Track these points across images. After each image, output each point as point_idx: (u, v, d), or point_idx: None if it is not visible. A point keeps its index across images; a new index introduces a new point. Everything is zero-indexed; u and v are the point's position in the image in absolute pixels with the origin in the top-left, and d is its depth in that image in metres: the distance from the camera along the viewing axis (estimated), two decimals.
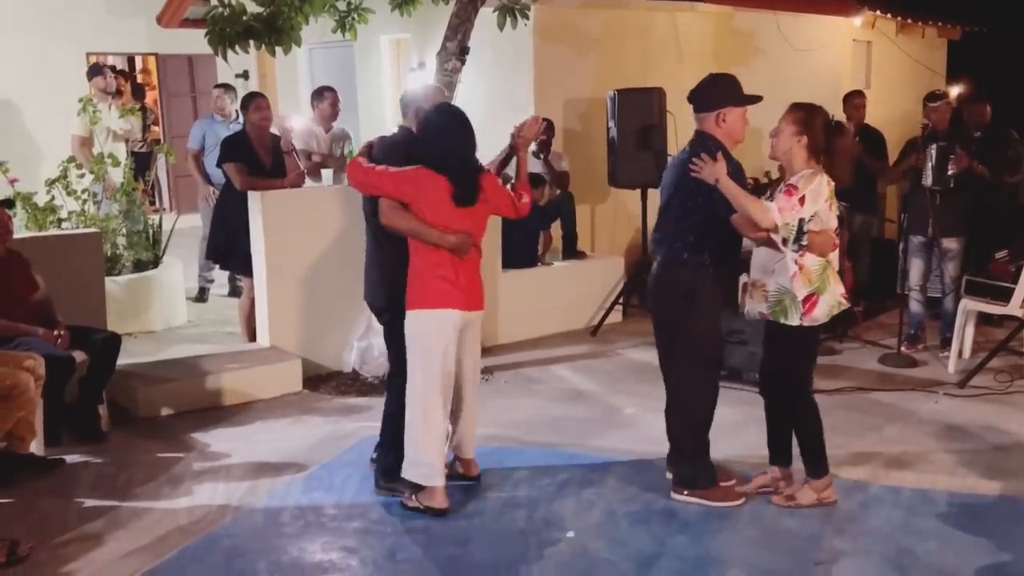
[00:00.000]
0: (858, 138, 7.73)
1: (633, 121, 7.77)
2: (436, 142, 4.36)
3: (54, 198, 7.08)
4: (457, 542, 4.25)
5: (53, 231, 6.75)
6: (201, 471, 5.03)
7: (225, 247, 6.77)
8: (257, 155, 6.66)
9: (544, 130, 7.89)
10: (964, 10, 12.59)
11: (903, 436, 5.45)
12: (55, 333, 5.25)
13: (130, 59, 13.90)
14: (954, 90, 8.43)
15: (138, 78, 14.10)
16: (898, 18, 11.49)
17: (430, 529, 4.34)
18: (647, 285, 4.70)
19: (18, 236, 5.80)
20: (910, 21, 11.72)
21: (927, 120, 7.06)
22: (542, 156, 7.88)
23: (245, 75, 11.75)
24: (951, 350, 6.70)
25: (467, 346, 4.56)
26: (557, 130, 8.23)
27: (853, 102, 7.85)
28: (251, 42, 5.96)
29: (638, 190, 8.02)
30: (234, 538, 4.31)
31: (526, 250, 7.64)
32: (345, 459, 5.14)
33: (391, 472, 4.55)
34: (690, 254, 4.40)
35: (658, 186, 7.75)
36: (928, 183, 6.70)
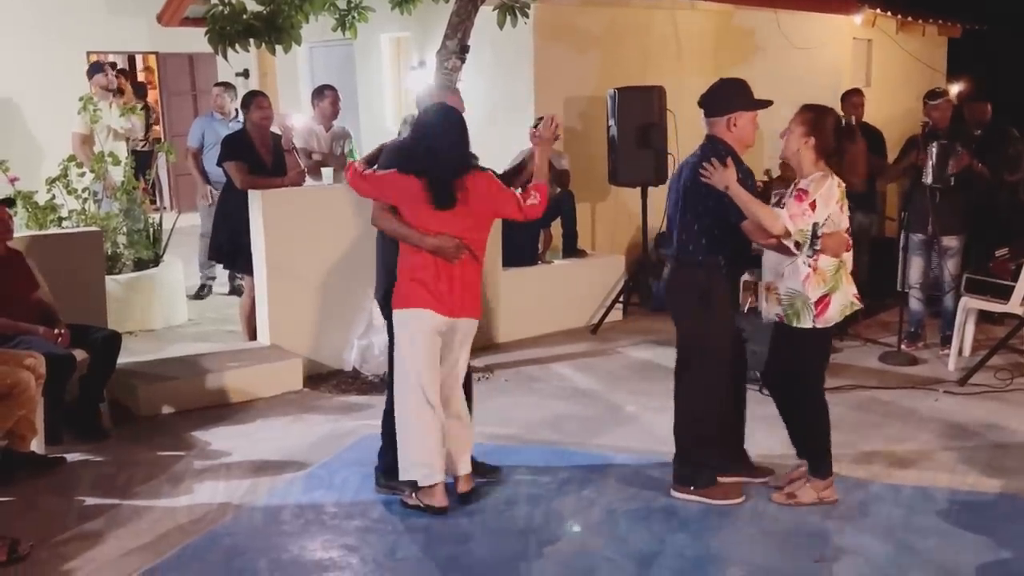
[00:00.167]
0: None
1: (633, 119, 7.77)
2: (413, 144, 4.35)
3: (55, 197, 7.08)
4: (457, 540, 4.26)
5: (53, 230, 6.75)
6: (202, 469, 5.04)
7: (227, 246, 6.77)
8: (258, 154, 6.66)
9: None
10: (964, 8, 12.57)
11: (903, 434, 5.46)
12: (56, 332, 5.25)
13: (131, 58, 13.91)
14: (954, 88, 8.42)
15: (139, 76, 14.11)
16: (898, 16, 11.47)
17: (430, 527, 4.35)
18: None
19: (19, 235, 5.81)
20: (910, 19, 11.69)
21: (927, 118, 7.06)
22: None
23: (245, 74, 11.75)
24: (951, 348, 6.71)
25: (451, 354, 4.45)
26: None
27: (851, 100, 7.84)
28: (251, 41, 5.96)
29: (638, 188, 8.03)
30: (234, 536, 4.32)
31: (526, 248, 7.64)
32: (345, 457, 5.14)
33: (391, 470, 4.55)
34: (705, 255, 4.41)
35: (658, 184, 7.90)
36: (928, 181, 6.70)
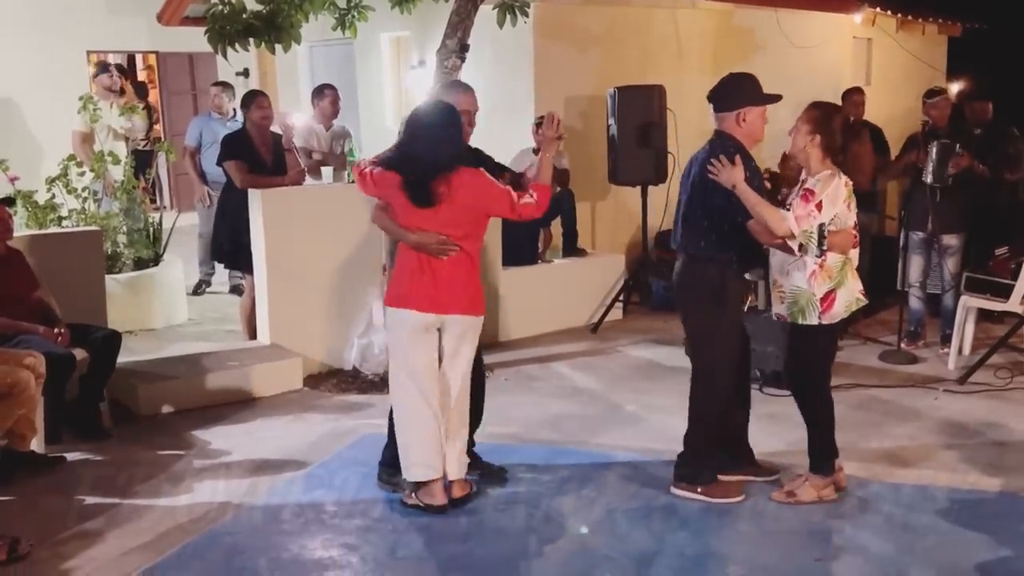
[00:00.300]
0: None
1: (633, 118, 7.76)
2: (400, 141, 4.38)
3: (54, 196, 7.08)
4: (458, 539, 4.26)
5: (53, 229, 6.75)
6: (202, 469, 5.04)
7: (229, 246, 6.77)
8: (258, 153, 6.66)
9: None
10: (964, 7, 12.57)
11: (903, 433, 5.46)
12: (55, 331, 5.25)
13: (130, 57, 13.90)
14: (954, 87, 8.42)
15: (140, 76, 14.10)
16: (898, 15, 11.46)
17: (431, 526, 4.35)
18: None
19: (18, 234, 5.80)
20: (910, 18, 11.69)
21: (927, 117, 7.06)
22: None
23: (246, 73, 11.75)
24: (951, 347, 6.71)
25: (448, 352, 4.42)
26: None
27: (852, 99, 7.84)
28: (251, 40, 5.97)
29: (638, 187, 8.02)
30: (235, 535, 4.32)
31: (526, 247, 7.65)
32: (346, 456, 5.14)
33: (392, 464, 4.57)
34: (716, 252, 4.41)
35: (658, 183, 7.90)
36: (928, 180, 6.71)
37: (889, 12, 11.17)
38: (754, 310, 6.31)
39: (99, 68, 8.95)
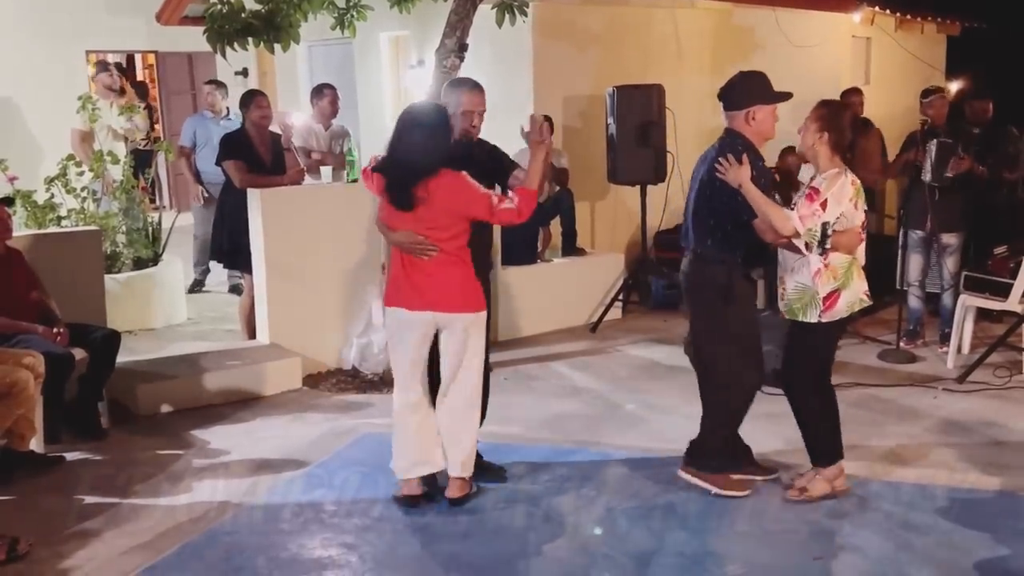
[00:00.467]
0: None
1: (632, 118, 7.76)
2: (388, 144, 4.41)
3: (53, 196, 7.08)
4: (457, 538, 4.26)
5: (53, 229, 6.74)
6: (201, 468, 5.04)
7: (228, 245, 6.77)
8: (257, 152, 6.66)
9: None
10: (963, 6, 12.56)
11: (902, 431, 5.46)
12: (54, 331, 5.25)
13: (129, 57, 13.90)
14: (953, 85, 8.42)
15: (139, 75, 14.10)
16: (897, 14, 11.45)
17: (430, 526, 4.35)
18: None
19: (18, 234, 5.80)
20: (909, 17, 11.68)
21: (925, 116, 7.07)
22: None
23: (245, 73, 11.76)
24: (950, 346, 6.71)
25: (450, 352, 4.42)
26: (557, 127, 8.20)
27: (849, 99, 7.83)
28: (250, 39, 5.96)
29: (637, 187, 8.02)
30: (234, 535, 4.32)
31: (525, 247, 7.64)
32: (345, 456, 5.15)
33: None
34: (721, 250, 4.42)
35: (657, 183, 7.90)
36: (927, 179, 6.71)
37: (888, 11, 11.16)
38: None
39: (99, 67, 8.95)
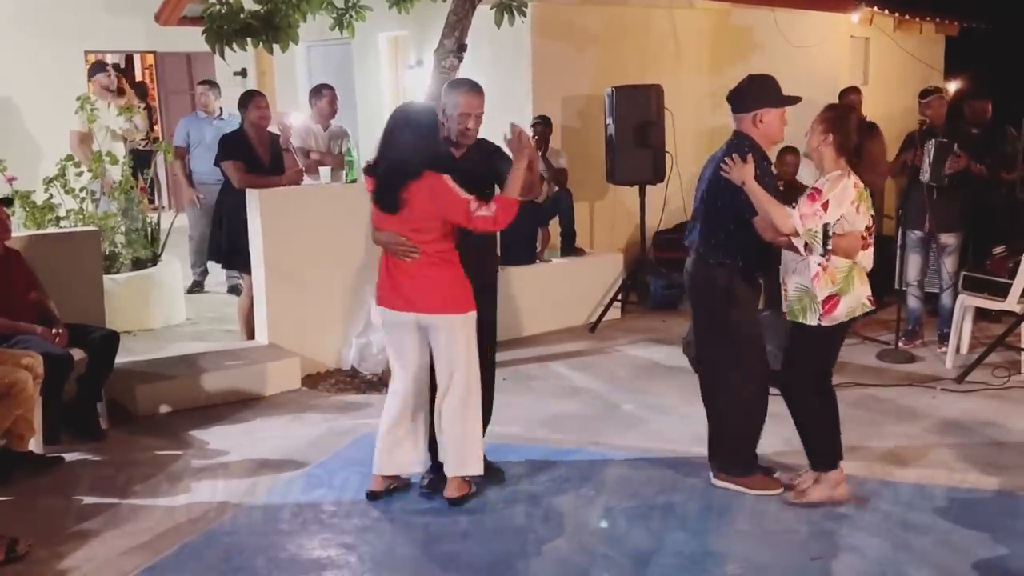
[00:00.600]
0: None
1: (631, 118, 7.77)
2: (378, 146, 4.43)
3: (52, 196, 7.08)
4: (456, 538, 4.26)
5: (51, 229, 6.74)
6: (200, 469, 5.04)
7: (227, 246, 6.76)
8: (255, 153, 6.67)
9: (542, 128, 7.90)
10: (962, 6, 12.56)
11: (901, 432, 5.46)
12: (53, 331, 5.25)
13: (128, 57, 13.89)
14: (952, 86, 8.42)
15: (138, 76, 14.09)
16: (896, 14, 11.45)
17: (429, 526, 4.35)
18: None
19: (16, 234, 5.80)
20: (908, 17, 11.67)
21: (923, 116, 7.07)
22: (540, 153, 7.88)
23: (243, 73, 11.74)
24: (949, 346, 6.72)
25: (439, 352, 4.43)
26: (555, 127, 8.22)
27: (848, 98, 7.83)
28: (249, 40, 5.96)
29: (636, 187, 8.03)
30: (233, 535, 4.32)
31: (524, 247, 7.65)
32: (344, 456, 5.15)
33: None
34: (723, 251, 4.44)
35: (656, 183, 7.91)
36: (926, 179, 6.72)
37: (887, 11, 11.16)
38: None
39: (96, 68, 8.94)
